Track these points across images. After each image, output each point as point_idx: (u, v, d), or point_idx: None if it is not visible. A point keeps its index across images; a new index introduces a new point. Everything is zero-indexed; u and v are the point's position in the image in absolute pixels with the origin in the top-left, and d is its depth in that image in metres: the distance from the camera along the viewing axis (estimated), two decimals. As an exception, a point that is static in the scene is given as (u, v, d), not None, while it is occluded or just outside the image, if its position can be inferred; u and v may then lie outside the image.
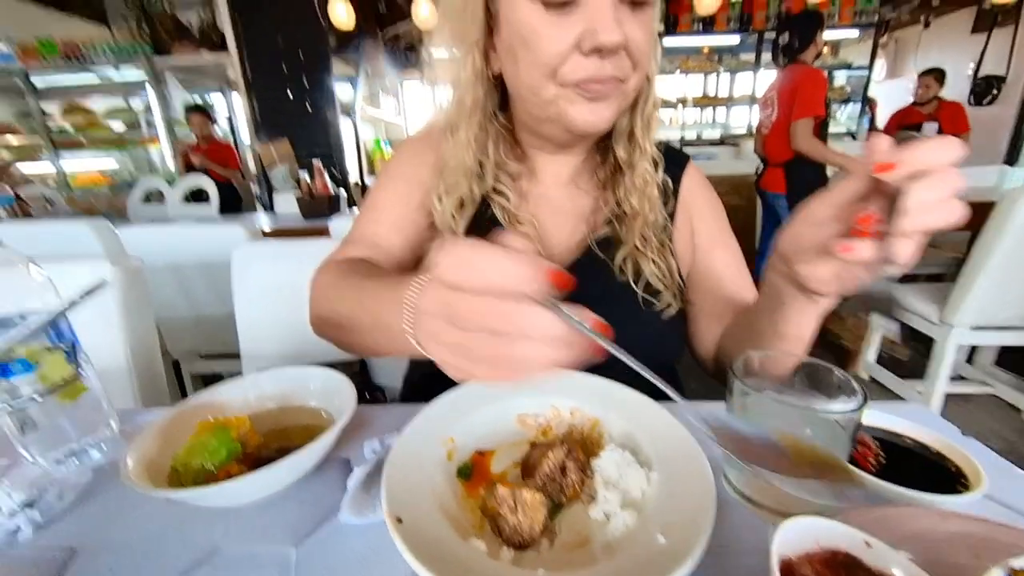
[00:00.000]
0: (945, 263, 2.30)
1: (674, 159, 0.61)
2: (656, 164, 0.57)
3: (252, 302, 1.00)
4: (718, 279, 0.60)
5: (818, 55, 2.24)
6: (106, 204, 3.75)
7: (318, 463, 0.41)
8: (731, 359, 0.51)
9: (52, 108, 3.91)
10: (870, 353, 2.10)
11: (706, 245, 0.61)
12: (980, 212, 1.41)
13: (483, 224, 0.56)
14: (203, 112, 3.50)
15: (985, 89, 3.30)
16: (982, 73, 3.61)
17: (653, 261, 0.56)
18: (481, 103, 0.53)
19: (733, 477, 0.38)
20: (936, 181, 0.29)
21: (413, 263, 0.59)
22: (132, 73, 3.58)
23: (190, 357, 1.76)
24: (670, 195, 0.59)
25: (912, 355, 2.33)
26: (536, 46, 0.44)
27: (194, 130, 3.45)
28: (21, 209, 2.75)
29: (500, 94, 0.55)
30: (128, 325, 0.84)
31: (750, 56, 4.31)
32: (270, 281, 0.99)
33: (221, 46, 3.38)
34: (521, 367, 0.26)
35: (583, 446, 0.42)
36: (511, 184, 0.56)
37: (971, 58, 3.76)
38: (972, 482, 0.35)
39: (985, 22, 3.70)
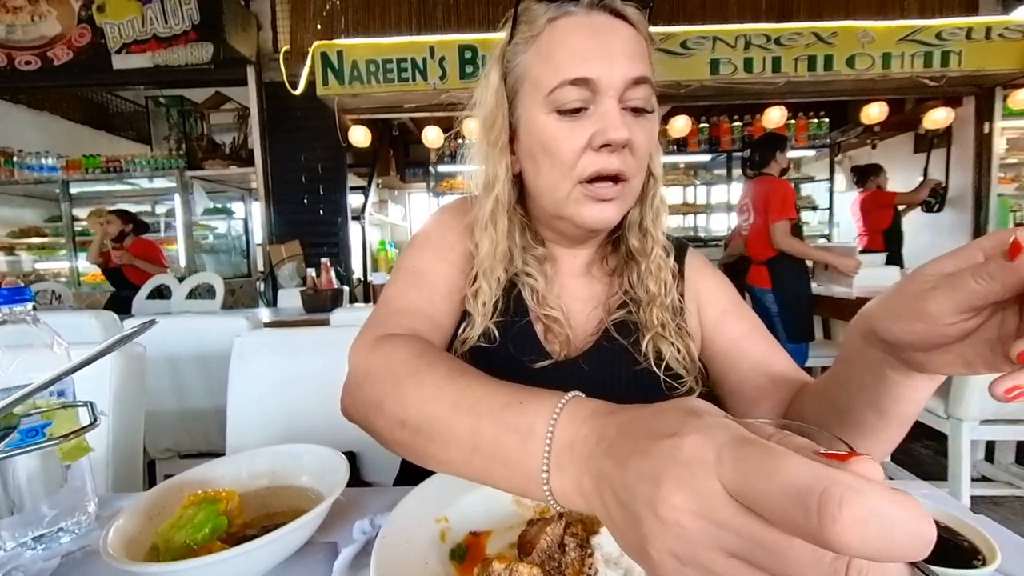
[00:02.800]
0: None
1: (677, 245, 0.65)
2: (667, 252, 0.60)
3: (247, 392, 0.99)
4: (736, 349, 0.59)
5: (784, 171, 2.53)
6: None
7: (303, 544, 0.39)
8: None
9: (80, 211, 4.21)
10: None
11: (718, 318, 0.61)
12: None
13: (509, 306, 0.58)
14: (120, 215, 3.22)
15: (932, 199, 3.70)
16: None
17: (672, 344, 0.57)
18: (511, 198, 0.58)
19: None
20: None
21: (452, 333, 0.58)
22: (162, 183, 3.93)
23: (168, 458, 1.66)
24: (677, 278, 0.62)
25: (930, 454, 2.22)
26: (555, 148, 0.50)
27: (107, 229, 3.15)
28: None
29: (518, 191, 0.61)
30: (119, 411, 0.82)
31: (722, 171, 4.82)
32: (268, 371, 0.99)
33: (248, 161, 3.78)
34: None
35: (583, 525, 0.40)
36: (538, 267, 0.59)
37: (918, 173, 4.23)
38: (986, 557, 0.34)
39: (923, 145, 4.25)
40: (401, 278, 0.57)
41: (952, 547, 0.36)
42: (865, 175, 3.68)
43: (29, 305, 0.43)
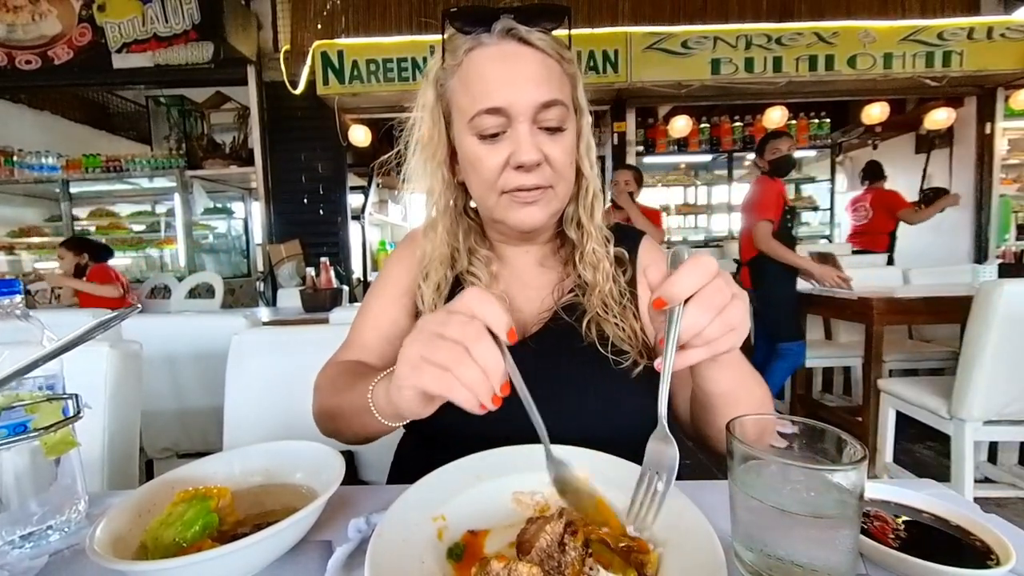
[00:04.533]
0: (942, 357, 2.30)
1: (629, 235, 0.69)
2: (608, 241, 0.64)
3: (244, 391, 0.98)
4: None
5: (777, 163, 2.42)
6: (111, 299, 3.80)
7: (296, 542, 0.38)
8: (696, 423, 0.56)
9: (80, 211, 4.20)
10: (887, 452, 1.99)
11: None
12: (964, 305, 1.48)
13: None
14: (69, 245, 2.87)
15: (932, 199, 3.67)
16: (929, 186, 4.03)
17: (616, 324, 0.60)
18: (451, 205, 0.64)
19: (745, 556, 0.35)
20: (700, 305, 0.36)
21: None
22: (162, 182, 3.92)
23: (166, 457, 1.65)
24: (627, 264, 0.65)
25: (932, 455, 2.20)
26: (479, 167, 0.56)
27: (64, 267, 2.83)
28: (27, 303, 2.78)
29: (468, 197, 0.67)
30: (114, 409, 0.81)
31: (723, 171, 4.81)
32: (265, 370, 0.98)
33: (248, 161, 3.77)
34: (460, 386, 0.35)
35: (584, 524, 0.39)
36: (483, 267, 0.64)
37: (919, 174, 4.23)
38: (1000, 557, 0.33)
39: (924, 145, 4.24)
40: (359, 315, 0.70)
41: (965, 547, 0.35)
42: (877, 174, 3.66)
43: (18, 298, 0.42)
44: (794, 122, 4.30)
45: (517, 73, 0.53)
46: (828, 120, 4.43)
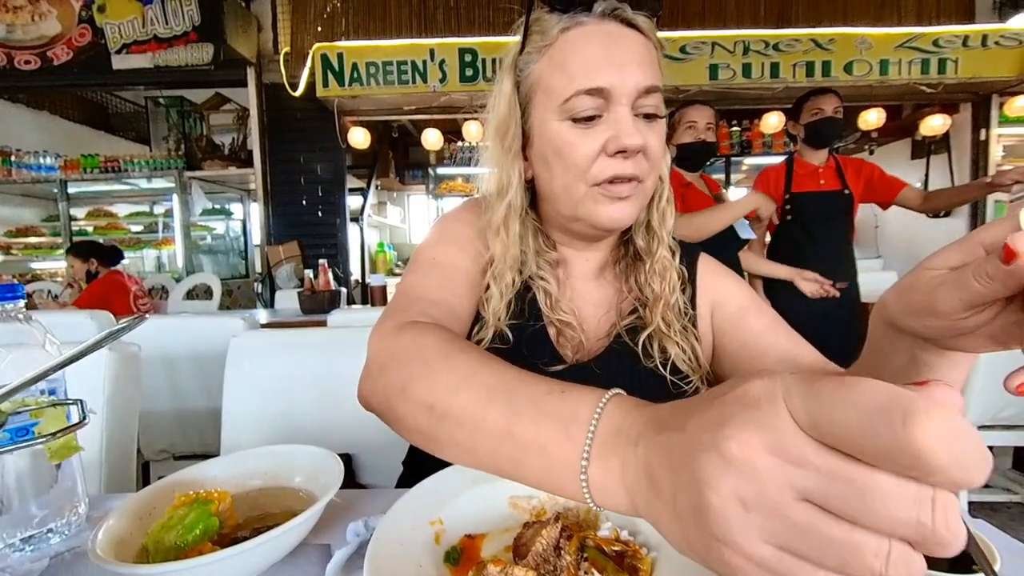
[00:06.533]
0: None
1: (687, 250, 0.64)
2: (673, 252, 0.61)
3: (242, 393, 0.98)
4: (760, 343, 0.58)
5: (811, 131, 1.97)
6: (109, 300, 3.79)
7: (296, 545, 0.39)
8: None
9: (78, 212, 4.19)
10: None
11: (738, 314, 0.61)
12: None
13: (523, 309, 0.58)
14: (76, 252, 2.70)
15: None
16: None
17: (677, 344, 0.57)
18: (523, 202, 0.59)
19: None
20: None
21: (469, 328, 0.58)
22: (161, 183, 3.92)
23: (163, 459, 1.65)
24: (687, 283, 0.62)
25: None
26: (569, 154, 0.52)
27: (75, 274, 2.69)
28: (27, 304, 2.76)
29: (530, 195, 0.61)
30: (112, 410, 0.81)
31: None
32: (264, 372, 0.98)
33: (247, 162, 3.77)
34: None
35: (579, 528, 0.40)
36: (550, 270, 0.60)
37: (916, 179, 4.25)
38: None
39: (921, 151, 4.27)
40: (421, 269, 0.57)
41: (951, 552, 0.35)
42: None
43: (21, 303, 0.43)
44: (791, 127, 4.32)
45: (621, 54, 0.50)
46: (825, 125, 4.45)
